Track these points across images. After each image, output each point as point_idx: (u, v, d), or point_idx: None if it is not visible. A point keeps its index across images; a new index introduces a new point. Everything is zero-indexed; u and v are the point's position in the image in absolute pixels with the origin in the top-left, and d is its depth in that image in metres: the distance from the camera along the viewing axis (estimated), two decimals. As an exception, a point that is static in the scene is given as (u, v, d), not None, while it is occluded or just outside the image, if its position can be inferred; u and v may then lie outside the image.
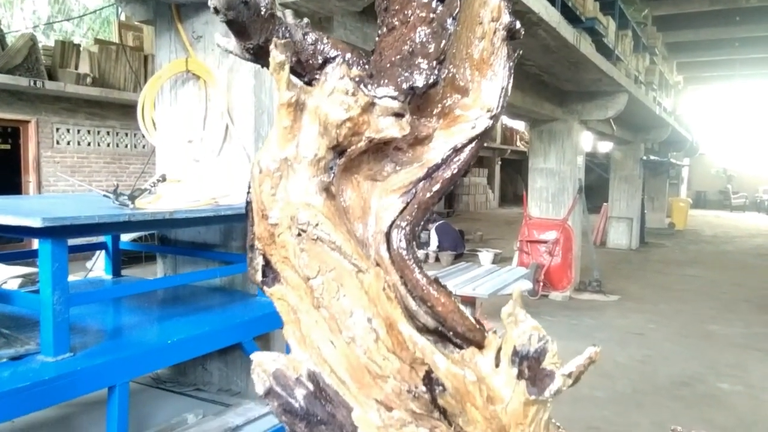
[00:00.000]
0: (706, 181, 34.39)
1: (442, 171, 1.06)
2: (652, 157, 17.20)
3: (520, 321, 0.94)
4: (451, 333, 1.00)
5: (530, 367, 0.94)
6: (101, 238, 3.64)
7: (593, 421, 4.84)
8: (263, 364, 1.08)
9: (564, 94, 9.60)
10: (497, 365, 0.94)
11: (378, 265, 1.01)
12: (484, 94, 1.06)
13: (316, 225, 1.01)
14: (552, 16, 5.45)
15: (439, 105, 1.07)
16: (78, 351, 2.22)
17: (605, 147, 17.78)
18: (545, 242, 9.51)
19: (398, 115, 1.01)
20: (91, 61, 10.57)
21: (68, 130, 10.92)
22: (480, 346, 0.98)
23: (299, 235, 1.02)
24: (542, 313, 8.05)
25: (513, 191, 30.53)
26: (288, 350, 1.11)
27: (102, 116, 11.35)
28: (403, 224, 1.03)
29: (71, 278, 2.37)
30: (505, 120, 25.41)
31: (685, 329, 7.87)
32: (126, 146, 11.95)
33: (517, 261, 9.53)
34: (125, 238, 4.10)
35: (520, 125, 25.03)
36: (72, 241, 2.30)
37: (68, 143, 10.94)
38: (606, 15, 9.25)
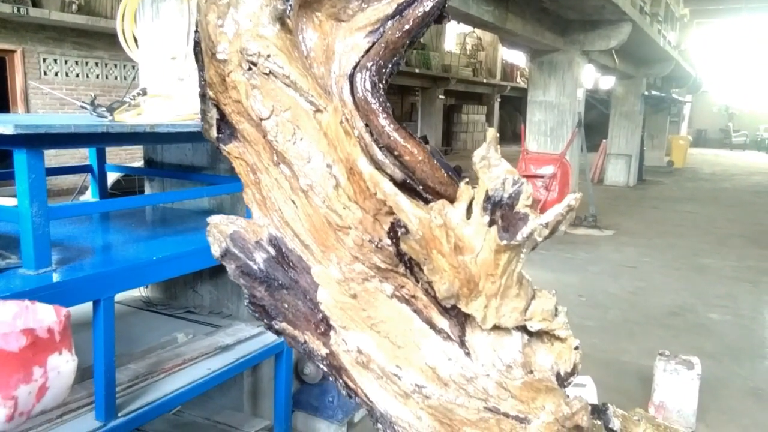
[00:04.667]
0: (707, 119, 34.03)
1: (413, 8, 0.94)
2: (653, 93, 16.91)
3: (494, 165, 0.86)
4: (421, 187, 0.92)
5: (504, 216, 0.86)
6: (87, 160, 3.54)
7: (583, 348, 4.90)
8: (219, 225, 1.01)
9: (566, 23, 9.30)
10: (468, 217, 0.87)
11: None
12: None
13: (268, 57, 0.91)
14: (554, -70, 5.18)
15: (411, -70, 0.96)
16: (61, 266, 2.18)
17: (606, 84, 17.47)
18: (542, 177, 9.44)
19: (362, -64, 0.90)
20: (75, -13, 10.18)
21: (55, 61, 10.62)
22: (452, 201, 0.91)
23: (250, 69, 0.92)
24: (537, 246, 8.09)
25: (512, 129, 30.20)
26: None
27: (90, 46, 11.02)
28: (369, 64, 0.92)
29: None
30: (505, 55, 24.86)
31: (678, 262, 7.90)
32: (116, 78, 11.66)
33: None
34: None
35: (520, 60, 24.46)
36: (57, 162, 2.23)
37: (56, 74, 10.67)
38: (612, -62, 8.86)
